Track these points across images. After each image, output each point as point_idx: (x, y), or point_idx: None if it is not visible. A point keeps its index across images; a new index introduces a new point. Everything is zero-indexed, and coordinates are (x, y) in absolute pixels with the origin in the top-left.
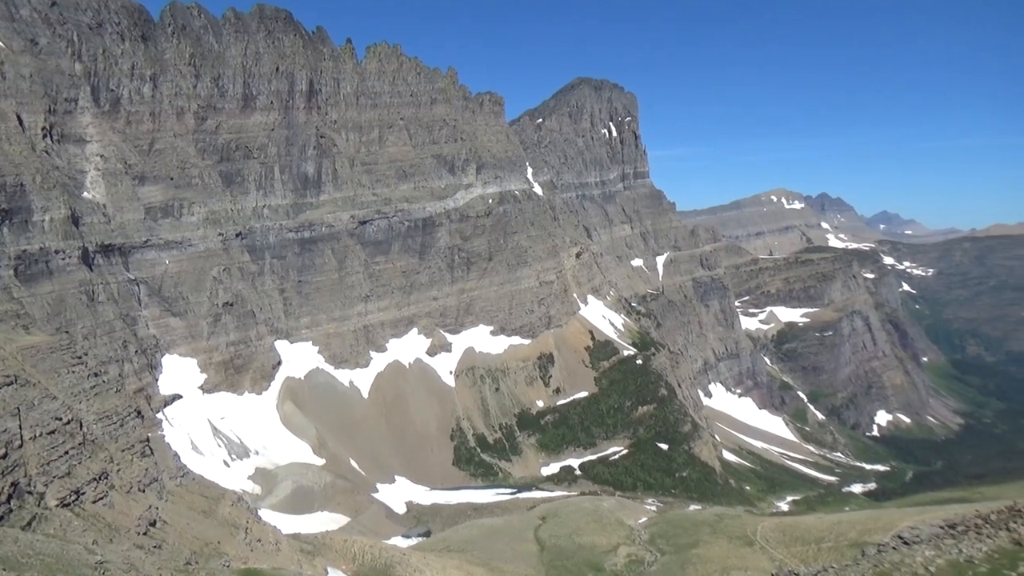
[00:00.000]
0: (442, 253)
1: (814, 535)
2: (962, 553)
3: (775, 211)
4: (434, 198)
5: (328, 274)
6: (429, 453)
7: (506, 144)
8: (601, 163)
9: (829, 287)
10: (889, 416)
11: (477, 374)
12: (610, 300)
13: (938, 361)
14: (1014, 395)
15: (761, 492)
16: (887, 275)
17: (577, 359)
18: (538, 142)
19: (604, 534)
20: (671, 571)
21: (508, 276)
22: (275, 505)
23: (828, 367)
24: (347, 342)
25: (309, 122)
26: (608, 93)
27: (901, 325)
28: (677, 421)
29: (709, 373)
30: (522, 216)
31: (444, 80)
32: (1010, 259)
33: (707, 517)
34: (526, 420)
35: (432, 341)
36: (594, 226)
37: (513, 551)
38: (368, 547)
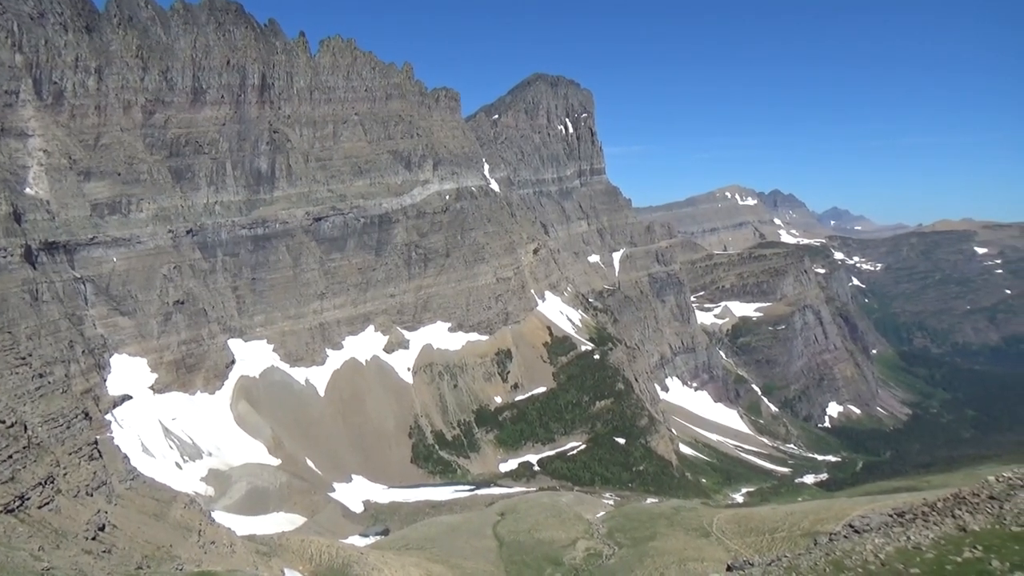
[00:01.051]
0: (399, 250)
1: (768, 525)
2: (910, 540)
3: (729, 207)
4: (390, 194)
5: (282, 271)
6: (387, 451)
7: (463, 140)
8: (558, 160)
9: (782, 282)
10: (840, 408)
11: (435, 371)
12: (567, 296)
13: (887, 353)
14: (959, 385)
15: (717, 484)
16: (837, 270)
17: (535, 355)
18: (495, 138)
19: (563, 529)
20: (629, 564)
21: (465, 273)
22: (229, 507)
23: (781, 360)
24: (303, 340)
25: (262, 117)
26: (564, 90)
27: (851, 319)
28: (634, 415)
29: (665, 367)
30: (479, 213)
31: (399, 75)
32: (954, 254)
33: (664, 510)
34: (484, 416)
35: (389, 338)
36: (551, 222)
37: (472, 548)
38: (325, 547)
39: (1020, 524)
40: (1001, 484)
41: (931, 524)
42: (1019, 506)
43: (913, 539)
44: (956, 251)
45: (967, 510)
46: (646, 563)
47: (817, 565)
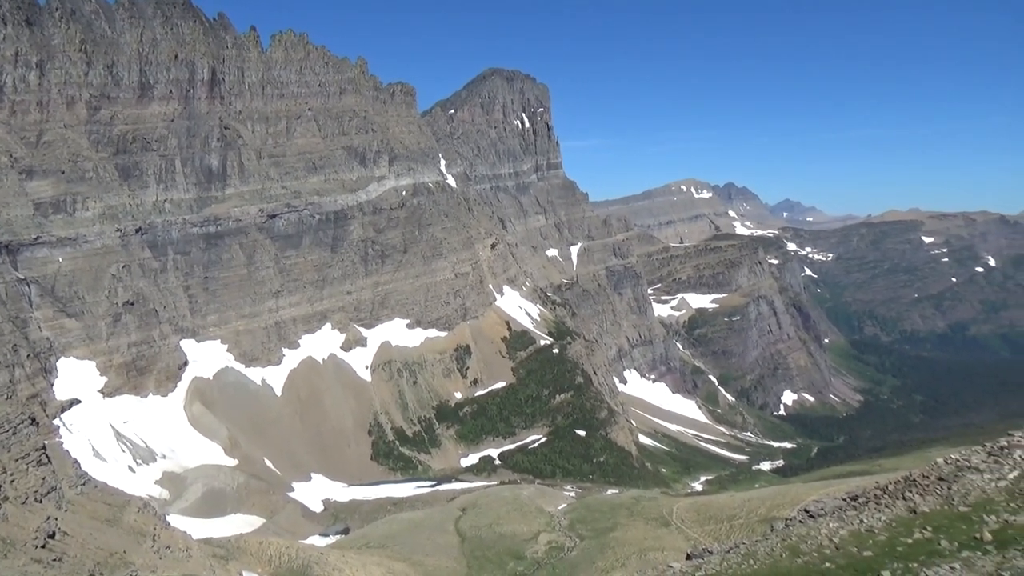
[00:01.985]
0: (355, 246)
1: (726, 513)
2: (863, 523)
3: (685, 200)
4: (345, 191)
5: (236, 270)
6: (346, 449)
7: (418, 136)
8: (514, 154)
9: (737, 273)
10: (794, 396)
11: (394, 368)
12: (526, 290)
13: (838, 342)
14: (908, 372)
15: (676, 474)
16: (790, 261)
17: (494, 350)
18: (451, 133)
19: (524, 522)
20: (590, 555)
21: (423, 268)
22: (185, 510)
23: (737, 351)
24: (258, 339)
25: (212, 113)
26: (520, 84)
27: (804, 308)
28: (594, 408)
29: (624, 360)
30: (436, 208)
31: (353, 70)
32: (902, 243)
33: (624, 500)
34: (444, 412)
35: (347, 336)
36: (508, 217)
37: (434, 544)
38: (284, 548)
39: (967, 504)
40: (949, 466)
41: (883, 507)
42: (966, 487)
43: (866, 522)
44: (904, 241)
45: (917, 492)
46: (607, 554)
47: (774, 551)
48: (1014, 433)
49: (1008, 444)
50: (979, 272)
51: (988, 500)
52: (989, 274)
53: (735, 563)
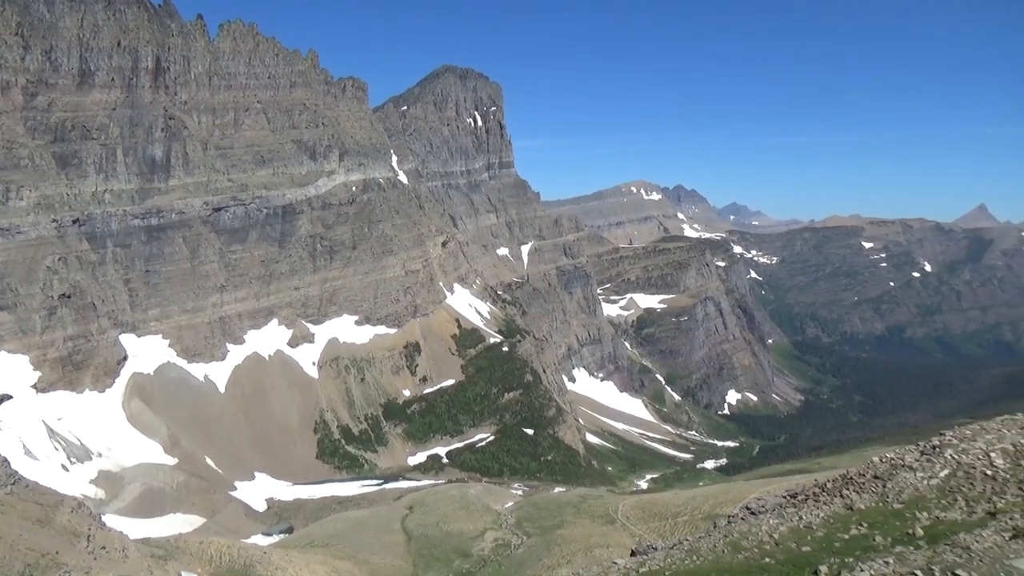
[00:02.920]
0: (303, 241)
1: (671, 510)
2: (802, 520)
3: (635, 202)
4: (294, 185)
5: (179, 263)
6: (291, 447)
7: (370, 131)
8: (467, 152)
9: (684, 275)
10: (738, 395)
11: (341, 365)
12: (476, 288)
13: (781, 343)
14: (848, 372)
15: (622, 472)
16: (736, 263)
17: (444, 347)
18: (403, 130)
19: (471, 520)
20: (537, 553)
21: (373, 265)
22: (122, 509)
23: (683, 350)
24: (201, 334)
25: (156, 102)
26: (474, 82)
27: (749, 310)
28: (542, 406)
29: (573, 358)
30: (387, 204)
31: (304, 63)
32: (844, 248)
33: (571, 498)
34: (392, 410)
35: (294, 332)
36: (460, 215)
37: (380, 542)
38: (226, 548)
39: (901, 501)
40: (885, 464)
41: (821, 504)
42: (900, 485)
43: (805, 518)
44: (845, 246)
45: (854, 489)
46: (553, 551)
47: (716, 547)
48: (946, 433)
49: (940, 443)
50: (915, 277)
51: (921, 497)
52: (925, 279)
53: (678, 559)
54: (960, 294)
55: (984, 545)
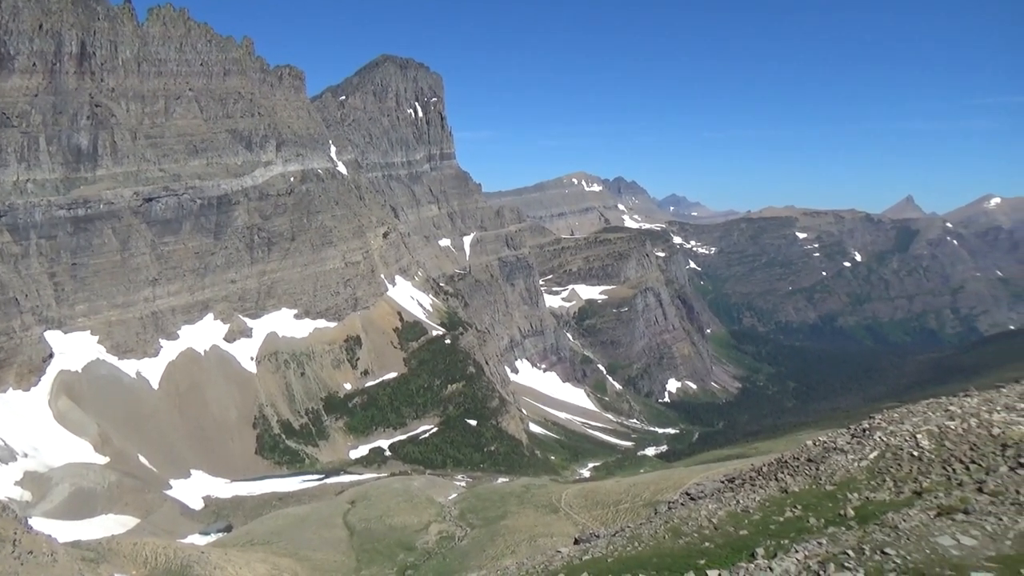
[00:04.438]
0: (240, 233)
1: (613, 498)
2: (739, 504)
3: (576, 193)
4: (229, 175)
5: (108, 256)
6: (229, 443)
7: (307, 121)
8: (407, 143)
9: (625, 265)
10: (678, 383)
11: (281, 359)
12: (418, 280)
13: (719, 332)
14: (782, 360)
15: (565, 461)
16: (676, 254)
17: (385, 340)
18: (341, 120)
19: (415, 513)
20: (481, 544)
21: (312, 257)
22: (50, 512)
23: (624, 341)
24: (132, 330)
25: (81, 88)
26: (414, 73)
27: (688, 300)
28: (485, 397)
29: (515, 350)
30: (326, 195)
31: (239, 50)
32: (779, 238)
33: (515, 489)
34: (333, 403)
35: (230, 326)
36: (401, 206)
37: (321, 538)
38: (161, 548)
39: (833, 483)
40: (817, 448)
41: (757, 488)
42: (832, 467)
43: (742, 502)
44: (780, 236)
45: (788, 473)
46: (497, 542)
47: (657, 533)
48: (875, 416)
49: (869, 426)
50: (847, 267)
51: (851, 479)
52: (855, 269)
53: (620, 546)
54: (888, 283)
55: (911, 524)
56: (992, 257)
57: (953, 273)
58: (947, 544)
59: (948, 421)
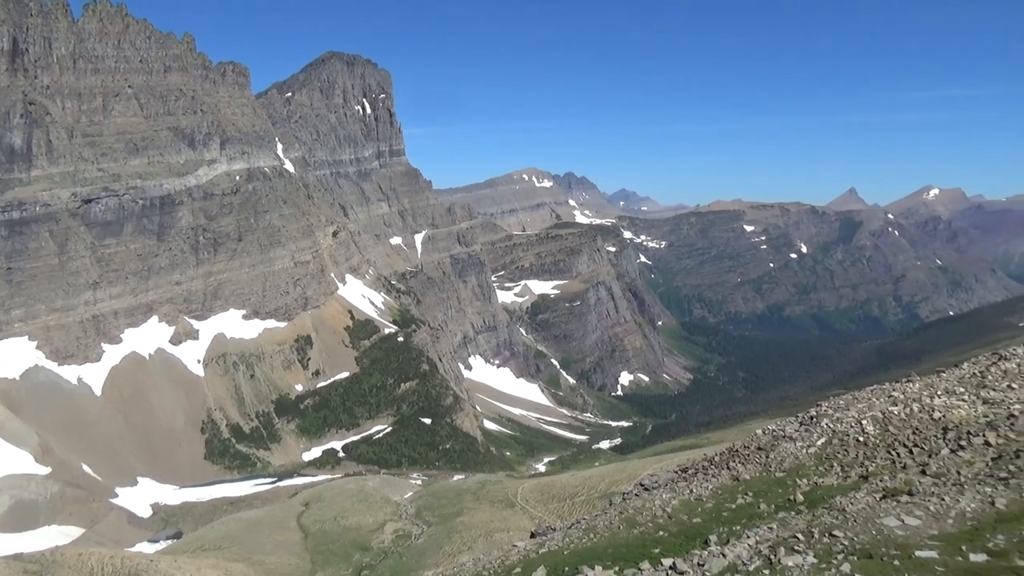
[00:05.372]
0: (184, 234)
1: (568, 491)
2: (693, 493)
3: (527, 189)
4: (172, 174)
5: (46, 259)
6: (176, 449)
7: (253, 118)
8: (356, 140)
9: (577, 260)
10: (631, 376)
11: (229, 361)
12: (369, 279)
13: (671, 324)
14: (732, 351)
15: (520, 456)
16: (626, 248)
17: (337, 340)
18: (288, 117)
19: (370, 513)
20: (438, 541)
21: (260, 257)
22: None
23: (577, 335)
24: (73, 335)
25: (14, 86)
26: (361, 69)
27: (639, 293)
28: (439, 395)
29: (469, 346)
30: (273, 194)
31: (180, 46)
32: (727, 231)
33: (470, 485)
34: (285, 405)
35: (176, 329)
36: (350, 204)
37: (275, 542)
38: (108, 558)
39: (783, 470)
40: (767, 436)
41: (710, 477)
42: (782, 455)
43: (695, 491)
44: (728, 229)
45: (739, 461)
46: (454, 538)
47: (612, 524)
48: (822, 404)
49: (817, 414)
50: (793, 258)
51: (800, 465)
52: (801, 260)
53: (576, 538)
54: (833, 273)
55: (858, 507)
56: (931, 247)
57: (895, 263)
58: (892, 525)
59: (891, 406)
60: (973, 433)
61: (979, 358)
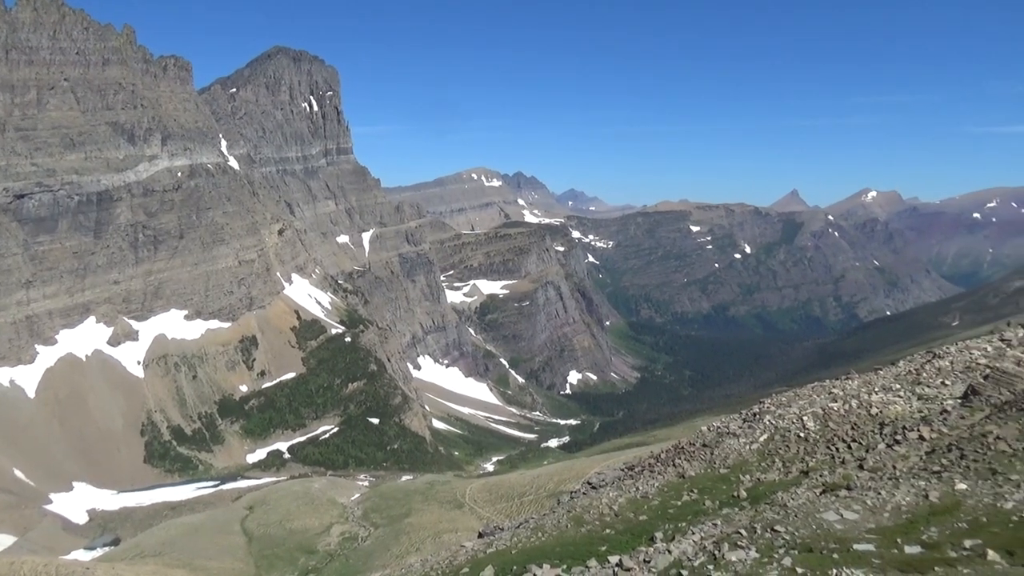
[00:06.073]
0: (123, 231)
1: (517, 491)
2: (639, 490)
3: (476, 188)
4: (111, 170)
5: None
6: (115, 453)
7: (195, 114)
8: (302, 138)
9: (526, 260)
10: (579, 375)
11: (171, 362)
12: (316, 278)
13: (618, 324)
14: (679, 350)
15: (469, 456)
16: (575, 248)
17: (283, 340)
18: (232, 113)
19: (316, 516)
20: (385, 543)
21: (203, 255)
22: None
23: (526, 334)
24: (4, 336)
25: None
26: (308, 66)
27: (587, 293)
28: (387, 395)
29: (417, 346)
30: (217, 191)
31: (119, 39)
32: (674, 232)
33: (419, 486)
34: (228, 406)
35: (115, 330)
36: (297, 202)
37: (217, 546)
38: (42, 566)
39: (727, 467)
40: (712, 433)
41: (656, 474)
42: (726, 451)
43: (641, 489)
44: (675, 229)
45: (685, 458)
46: (402, 540)
47: (560, 522)
48: (765, 401)
49: (759, 410)
50: (737, 258)
51: (744, 461)
52: (745, 260)
53: (524, 537)
54: (776, 274)
55: (799, 501)
56: (869, 248)
57: (835, 263)
58: (832, 519)
59: (831, 403)
60: (908, 428)
61: (914, 356)
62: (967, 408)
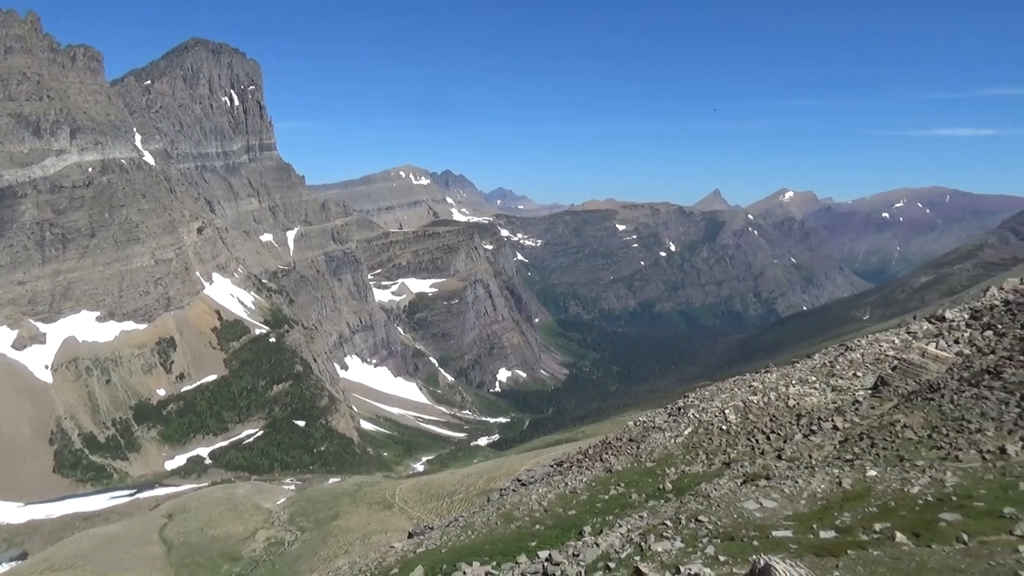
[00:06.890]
0: (28, 229)
1: (447, 490)
2: (568, 486)
3: (404, 186)
4: (14, 165)
5: None
6: (21, 463)
7: (107, 106)
8: (222, 133)
9: (454, 258)
10: (509, 373)
11: (81, 366)
12: (238, 277)
13: (547, 321)
14: (606, 346)
15: (398, 456)
16: (504, 246)
17: (203, 341)
18: (147, 106)
19: (240, 522)
20: (312, 547)
21: (116, 254)
22: None
23: (455, 333)
24: None
25: None
26: (228, 59)
27: (516, 291)
28: (314, 396)
29: (345, 346)
30: (131, 187)
31: (22, 26)
32: (600, 230)
33: (347, 488)
34: (145, 411)
35: (19, 332)
36: (217, 199)
37: (135, 557)
38: None
39: (653, 460)
40: (638, 428)
41: (584, 469)
42: (652, 445)
43: (570, 484)
44: (602, 228)
45: (612, 453)
46: (330, 543)
47: (490, 520)
48: (689, 395)
49: (684, 405)
50: (662, 256)
51: (669, 455)
52: (670, 258)
53: (454, 536)
54: (699, 271)
55: (721, 492)
56: (787, 245)
57: (755, 261)
58: (752, 508)
59: (751, 396)
60: (823, 419)
61: (828, 349)
62: (877, 398)
